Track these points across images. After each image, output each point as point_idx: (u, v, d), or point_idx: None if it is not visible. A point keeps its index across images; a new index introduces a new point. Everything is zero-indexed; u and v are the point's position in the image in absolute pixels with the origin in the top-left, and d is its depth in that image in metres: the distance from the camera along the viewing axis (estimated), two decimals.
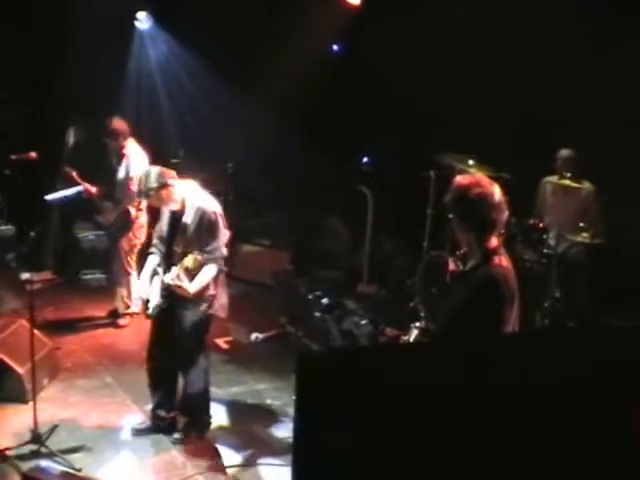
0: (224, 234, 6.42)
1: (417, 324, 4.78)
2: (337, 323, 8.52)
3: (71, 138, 8.85)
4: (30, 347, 6.53)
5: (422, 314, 8.48)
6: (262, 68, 10.13)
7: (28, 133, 9.78)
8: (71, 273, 9.81)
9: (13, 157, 8.14)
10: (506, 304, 4.28)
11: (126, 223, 8.75)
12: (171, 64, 11.02)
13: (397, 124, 10.21)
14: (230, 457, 6.50)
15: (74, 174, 8.55)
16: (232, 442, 6.75)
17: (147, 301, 6.51)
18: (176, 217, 6.41)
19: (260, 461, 6.35)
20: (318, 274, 10.10)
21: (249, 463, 6.40)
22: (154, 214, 8.56)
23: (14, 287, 8.81)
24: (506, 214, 4.45)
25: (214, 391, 7.21)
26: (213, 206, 6.40)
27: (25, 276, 6.82)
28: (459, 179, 4.51)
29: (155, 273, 6.53)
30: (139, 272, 8.70)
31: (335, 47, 11.77)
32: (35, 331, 7.02)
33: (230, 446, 6.68)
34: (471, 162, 8.87)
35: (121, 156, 8.75)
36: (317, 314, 8.67)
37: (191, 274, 6.18)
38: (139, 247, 8.81)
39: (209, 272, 6.29)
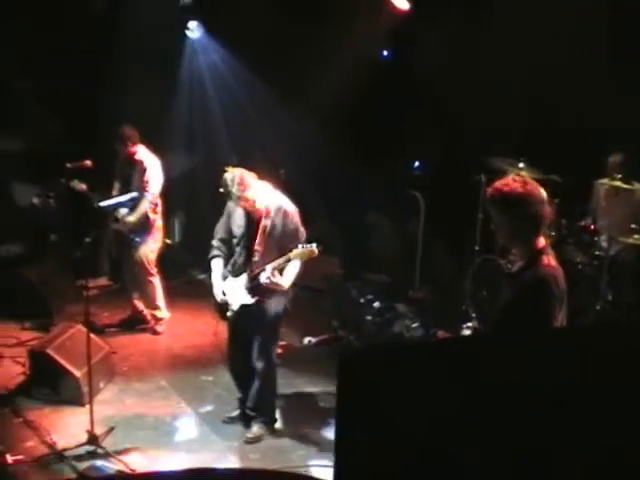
0: (303, 232, 6.62)
1: (469, 324, 4.79)
2: (388, 326, 8.56)
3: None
4: (87, 351, 6.68)
5: (473, 316, 8.49)
6: (311, 75, 10.17)
7: (81, 142, 9.94)
8: None
9: (69, 165, 8.27)
10: (556, 304, 4.29)
11: (145, 228, 8.79)
12: (222, 72, 11.12)
13: (446, 129, 10.20)
14: (280, 458, 6.57)
15: (84, 187, 8.60)
16: (284, 444, 6.82)
17: (222, 304, 6.79)
18: (255, 218, 6.61)
19: (310, 463, 6.40)
20: (369, 278, 10.14)
21: (300, 465, 6.45)
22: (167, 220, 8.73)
23: (71, 293, 9.00)
24: (550, 213, 4.49)
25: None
26: (292, 205, 6.62)
27: (81, 282, 6.93)
28: (502, 181, 4.50)
29: (225, 276, 6.78)
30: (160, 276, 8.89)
31: (385, 53, 11.79)
32: (92, 335, 7.19)
33: (282, 448, 6.75)
34: (521, 165, 8.86)
35: (134, 162, 8.81)
36: (369, 318, 8.72)
37: (280, 270, 6.47)
38: (158, 251, 8.95)
39: (297, 267, 6.55)
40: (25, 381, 7.51)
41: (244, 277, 6.63)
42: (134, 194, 8.51)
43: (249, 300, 6.61)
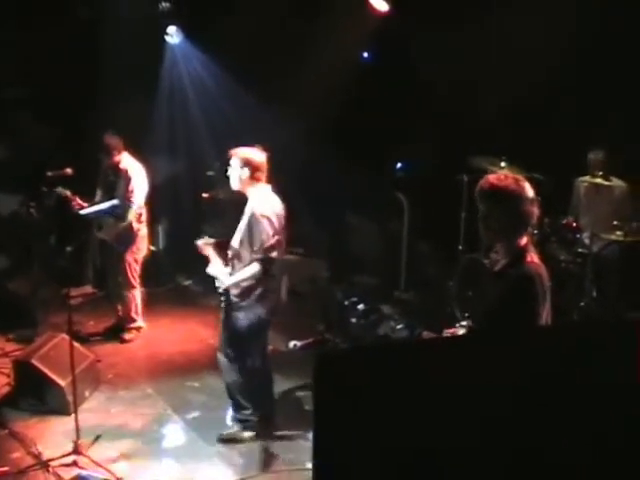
0: (270, 237, 6.51)
1: (463, 323, 4.80)
2: (374, 328, 8.56)
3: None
4: (71, 360, 6.65)
5: (465, 315, 8.48)
6: (293, 77, 10.17)
7: (63, 150, 9.92)
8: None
9: (49, 174, 8.23)
10: (540, 301, 4.30)
11: (129, 237, 8.75)
12: (202, 77, 11.10)
13: (428, 129, 10.21)
14: (269, 463, 6.56)
15: (68, 193, 8.57)
16: (271, 447, 6.80)
17: None
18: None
19: (298, 466, 6.36)
20: (354, 280, 10.14)
21: (288, 468, 6.43)
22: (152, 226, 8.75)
23: (55, 302, 8.95)
24: (537, 212, 4.50)
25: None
26: (265, 209, 6.55)
27: (65, 291, 6.90)
28: (490, 177, 4.52)
29: None
30: (142, 285, 8.87)
31: (365, 54, 11.79)
32: (76, 344, 7.19)
33: (269, 452, 6.74)
34: (503, 164, 8.88)
35: (118, 171, 8.75)
36: (353, 320, 8.71)
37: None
38: (141, 260, 8.93)
39: (249, 270, 6.48)
40: (10, 392, 7.48)
41: None
42: (115, 201, 8.49)
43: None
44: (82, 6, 10.59)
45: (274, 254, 6.52)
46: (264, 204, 6.58)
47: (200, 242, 6.73)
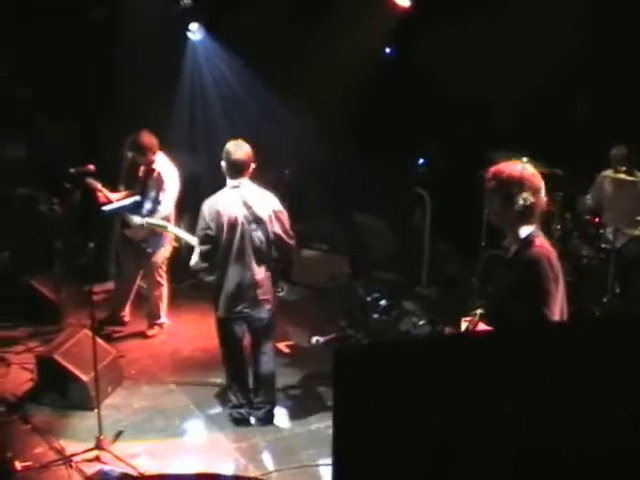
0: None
1: (478, 311, 4.84)
2: (395, 324, 8.55)
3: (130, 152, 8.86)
4: (93, 356, 6.69)
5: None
6: (314, 74, 10.16)
7: (82, 149, 9.97)
8: None
9: (72, 170, 8.25)
10: (552, 283, 4.35)
11: (158, 238, 8.71)
12: (224, 73, 11.10)
13: (449, 125, 10.19)
14: (290, 458, 6.57)
15: (98, 185, 8.58)
16: (293, 444, 6.83)
17: None
18: None
19: (320, 462, 6.38)
20: (376, 277, 10.12)
21: (309, 463, 6.44)
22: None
23: (78, 299, 8.99)
24: (544, 203, 4.58)
25: (278, 394, 7.34)
26: (212, 203, 6.80)
27: (87, 287, 6.93)
28: (499, 166, 4.63)
29: None
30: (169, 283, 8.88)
31: (388, 50, 11.77)
32: (98, 340, 7.22)
33: (291, 448, 6.76)
34: (525, 159, 8.84)
35: (150, 171, 8.67)
36: (375, 316, 8.71)
37: None
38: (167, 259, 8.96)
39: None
40: (33, 387, 7.52)
41: None
42: (137, 198, 8.46)
43: None
44: (99, 6, 10.63)
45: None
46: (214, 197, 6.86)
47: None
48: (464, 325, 4.92)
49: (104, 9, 10.59)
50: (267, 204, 6.80)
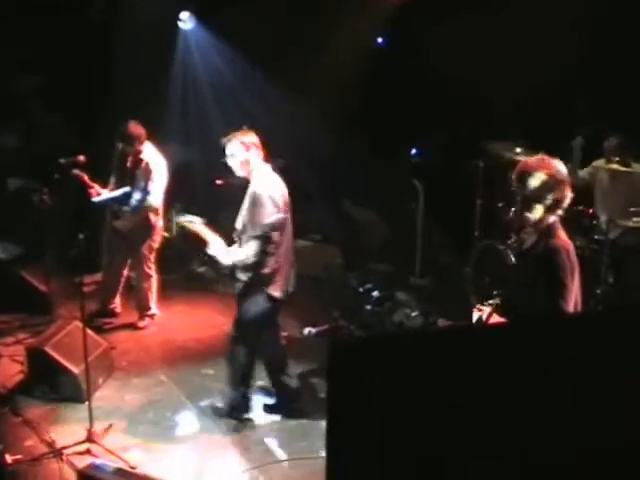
0: (271, 216, 6.47)
1: (491, 301, 4.87)
2: (388, 316, 8.51)
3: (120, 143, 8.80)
4: (84, 347, 6.64)
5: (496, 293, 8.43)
6: (308, 63, 10.11)
7: (75, 138, 9.90)
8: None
9: (62, 161, 8.18)
10: (569, 274, 4.55)
11: (146, 229, 8.67)
12: (216, 62, 11.04)
13: (444, 115, 10.15)
14: (283, 451, 6.56)
15: (85, 177, 8.49)
16: (286, 435, 6.81)
17: None
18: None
19: (313, 454, 6.32)
20: (369, 267, 10.09)
21: (302, 456, 6.41)
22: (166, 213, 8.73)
23: (68, 290, 8.94)
24: (569, 193, 4.71)
25: (269, 385, 7.30)
26: (267, 188, 6.49)
27: (77, 278, 6.87)
28: (526, 160, 4.82)
29: None
30: (156, 272, 8.81)
31: (380, 40, 11.72)
32: (89, 332, 7.16)
33: (284, 440, 6.74)
34: (519, 150, 8.82)
35: (138, 161, 8.59)
36: (368, 307, 8.67)
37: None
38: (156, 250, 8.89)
39: (247, 248, 6.45)
40: (23, 379, 7.47)
41: None
42: (127, 189, 8.42)
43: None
44: None
45: (274, 233, 6.48)
46: (266, 184, 6.54)
47: (181, 219, 6.77)
48: (476, 315, 4.97)
49: (98, 2, 10.51)
50: None
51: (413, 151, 11.37)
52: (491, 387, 2.48)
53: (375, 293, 8.82)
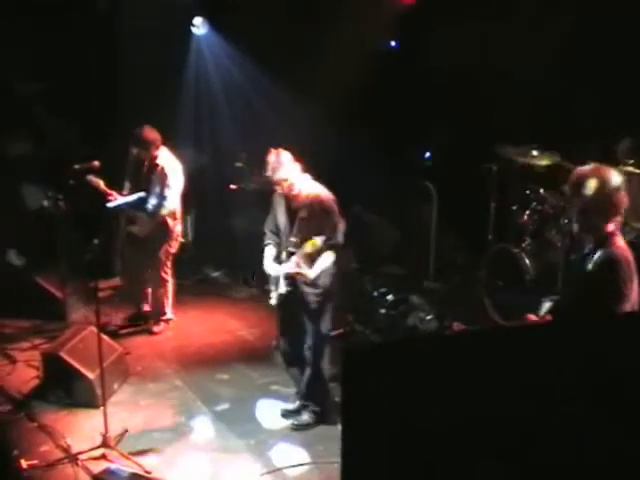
0: (337, 223, 6.60)
1: (546, 304, 4.92)
2: (403, 319, 8.50)
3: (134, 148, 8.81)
4: (99, 353, 6.65)
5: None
6: (319, 67, 10.09)
7: (86, 145, 9.93)
8: None
9: (76, 167, 8.20)
10: (627, 282, 4.53)
11: (164, 234, 8.67)
12: (228, 67, 11.04)
13: (455, 118, 10.13)
14: (299, 455, 6.56)
15: (101, 184, 8.51)
16: (302, 440, 6.80)
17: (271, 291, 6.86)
18: (294, 208, 6.65)
19: (328, 459, 6.29)
20: (382, 271, 10.07)
21: (318, 460, 6.42)
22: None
23: (83, 295, 8.98)
24: (626, 200, 4.72)
25: (285, 390, 7.32)
26: (328, 194, 6.63)
27: (92, 284, 6.89)
28: (581, 168, 4.78)
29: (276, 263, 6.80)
30: (174, 279, 8.82)
31: (393, 43, 11.70)
32: (104, 337, 7.18)
33: (300, 444, 6.74)
34: (535, 152, 8.80)
35: (153, 166, 8.58)
36: (382, 311, 8.66)
37: (311, 260, 6.46)
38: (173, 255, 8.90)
39: (329, 258, 6.53)
40: (39, 385, 7.50)
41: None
42: (142, 194, 8.42)
43: (283, 289, 6.66)
44: (102, 1, 10.60)
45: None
46: (325, 191, 6.65)
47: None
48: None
49: (107, 4, 10.52)
50: None
51: (427, 154, 11.36)
52: (506, 390, 2.47)
53: (389, 297, 8.81)
